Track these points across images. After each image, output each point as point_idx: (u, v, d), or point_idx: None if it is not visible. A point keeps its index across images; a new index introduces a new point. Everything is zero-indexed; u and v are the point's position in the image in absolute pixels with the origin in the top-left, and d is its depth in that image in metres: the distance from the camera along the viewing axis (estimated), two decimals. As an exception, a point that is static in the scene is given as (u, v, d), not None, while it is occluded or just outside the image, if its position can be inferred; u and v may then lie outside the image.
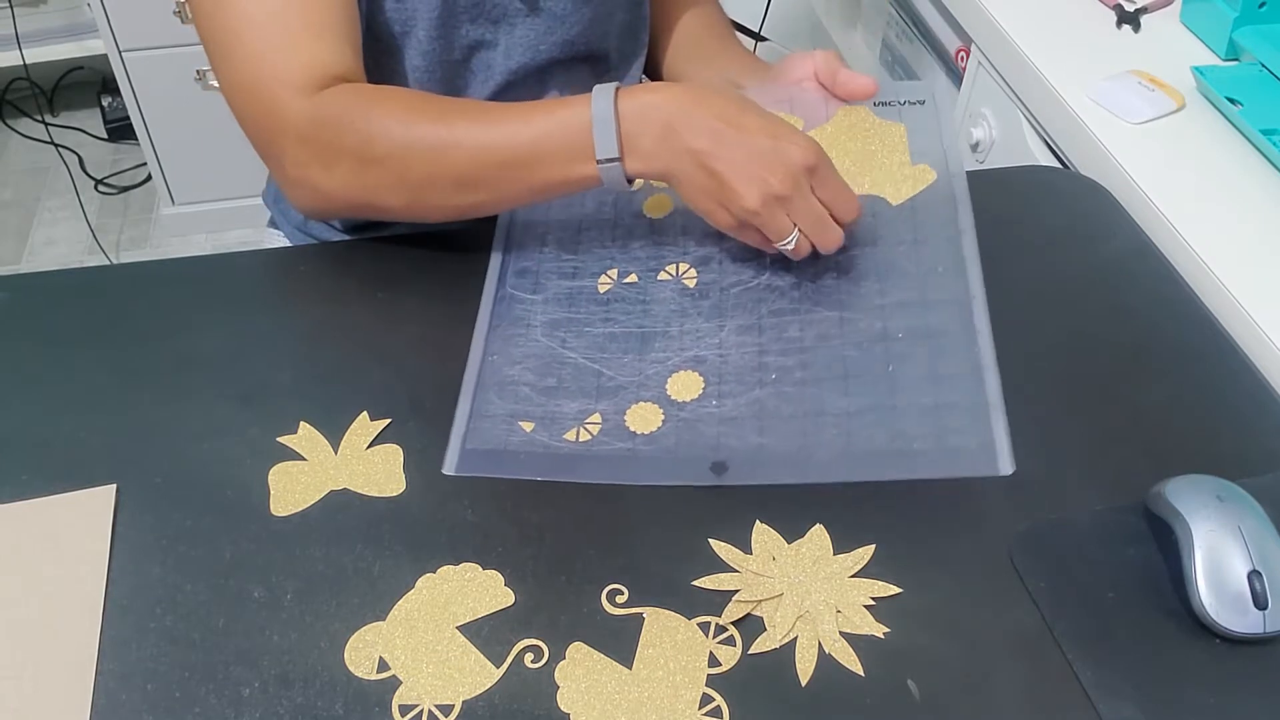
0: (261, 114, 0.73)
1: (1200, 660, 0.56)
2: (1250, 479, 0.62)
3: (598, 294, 0.74)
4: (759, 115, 0.68)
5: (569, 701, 0.54)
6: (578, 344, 0.71)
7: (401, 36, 0.81)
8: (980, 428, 0.65)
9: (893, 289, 0.72)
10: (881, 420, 0.65)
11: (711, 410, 0.67)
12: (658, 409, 0.67)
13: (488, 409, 0.67)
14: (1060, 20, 1.03)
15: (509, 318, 0.73)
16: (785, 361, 0.69)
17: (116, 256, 2.04)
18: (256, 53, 0.71)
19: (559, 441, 0.66)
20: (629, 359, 0.70)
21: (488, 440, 0.66)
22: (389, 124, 0.70)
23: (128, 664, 0.56)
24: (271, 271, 0.80)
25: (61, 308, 0.75)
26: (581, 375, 0.69)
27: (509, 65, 0.84)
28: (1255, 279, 0.76)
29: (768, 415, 0.66)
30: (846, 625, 0.57)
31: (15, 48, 1.96)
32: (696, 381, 0.68)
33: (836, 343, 0.69)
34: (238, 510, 0.63)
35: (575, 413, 0.67)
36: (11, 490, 0.63)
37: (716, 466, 0.64)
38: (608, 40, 0.90)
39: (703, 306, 0.73)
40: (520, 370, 0.69)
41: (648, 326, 0.72)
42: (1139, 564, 0.60)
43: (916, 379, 0.67)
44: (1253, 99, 0.89)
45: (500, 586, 0.59)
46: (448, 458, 0.65)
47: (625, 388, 0.68)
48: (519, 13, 0.83)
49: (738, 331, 0.71)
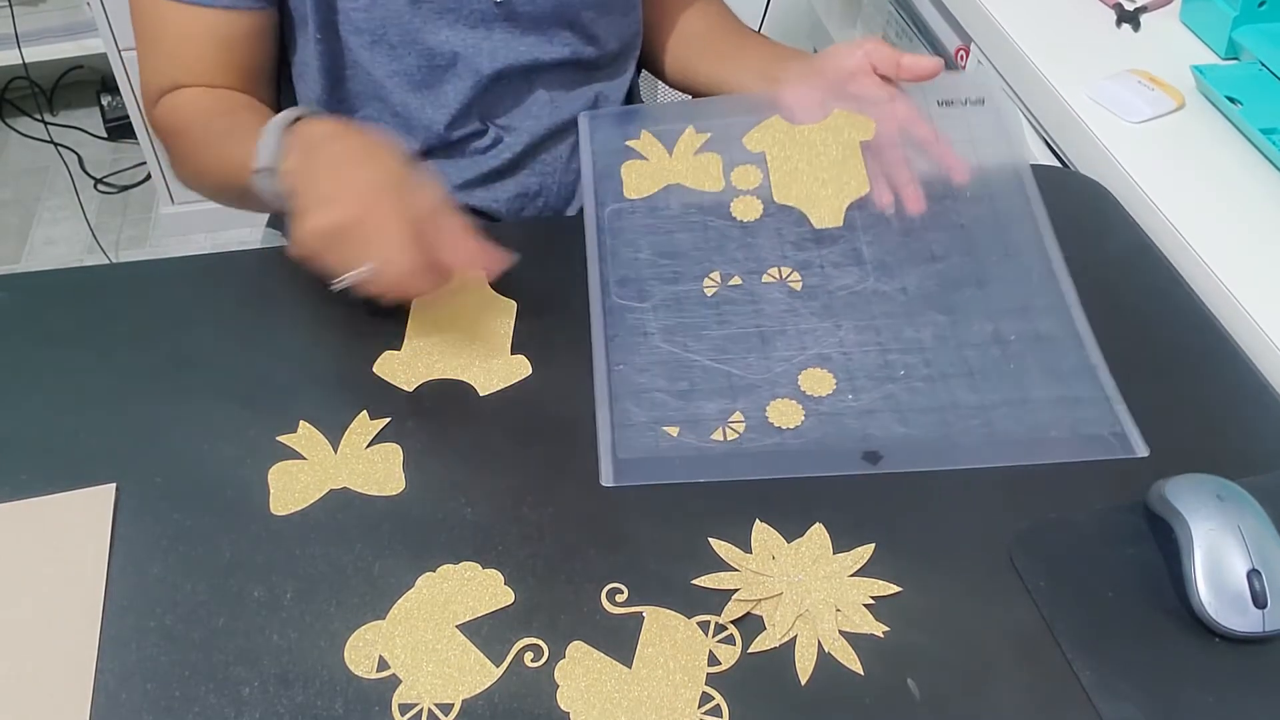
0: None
1: (1200, 659, 0.56)
2: (1250, 478, 0.62)
3: (706, 297, 0.75)
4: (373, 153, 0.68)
5: (569, 700, 0.54)
6: (699, 347, 0.72)
7: (373, 45, 0.82)
8: (1109, 418, 0.68)
9: (995, 295, 0.75)
10: (1014, 413, 0.68)
11: (849, 404, 0.69)
12: (797, 405, 0.68)
13: (628, 418, 0.68)
14: (1060, 19, 1.03)
15: (624, 327, 0.73)
16: (909, 359, 0.71)
17: (116, 256, 2.04)
18: (139, 63, 0.85)
19: (708, 442, 0.66)
20: (753, 358, 0.71)
21: (637, 449, 0.66)
22: (184, 125, 0.82)
23: (127, 663, 0.56)
24: (271, 271, 0.80)
25: (61, 307, 0.75)
26: (711, 376, 0.70)
27: (495, 69, 0.85)
28: (1255, 278, 0.76)
29: (905, 408, 0.68)
30: (846, 624, 0.57)
31: (15, 47, 1.96)
32: (828, 378, 0.70)
33: (953, 344, 0.72)
34: (237, 510, 0.63)
35: (716, 413, 0.68)
36: (11, 490, 0.63)
37: (870, 455, 0.66)
38: (596, 44, 0.90)
39: (813, 307, 0.74)
40: (650, 378, 0.70)
41: (764, 326, 0.73)
42: (1139, 563, 0.60)
43: (1038, 376, 0.70)
44: (1252, 98, 0.89)
45: (500, 585, 0.59)
46: (603, 470, 0.65)
47: (758, 386, 0.69)
48: (495, 16, 0.83)
49: (856, 331, 0.73)
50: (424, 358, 0.71)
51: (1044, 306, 0.74)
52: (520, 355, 0.72)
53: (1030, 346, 0.72)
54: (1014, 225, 0.78)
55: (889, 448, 0.66)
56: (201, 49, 0.81)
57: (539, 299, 0.75)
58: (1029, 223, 0.78)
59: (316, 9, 0.81)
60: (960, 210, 0.78)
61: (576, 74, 0.90)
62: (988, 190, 0.79)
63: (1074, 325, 0.73)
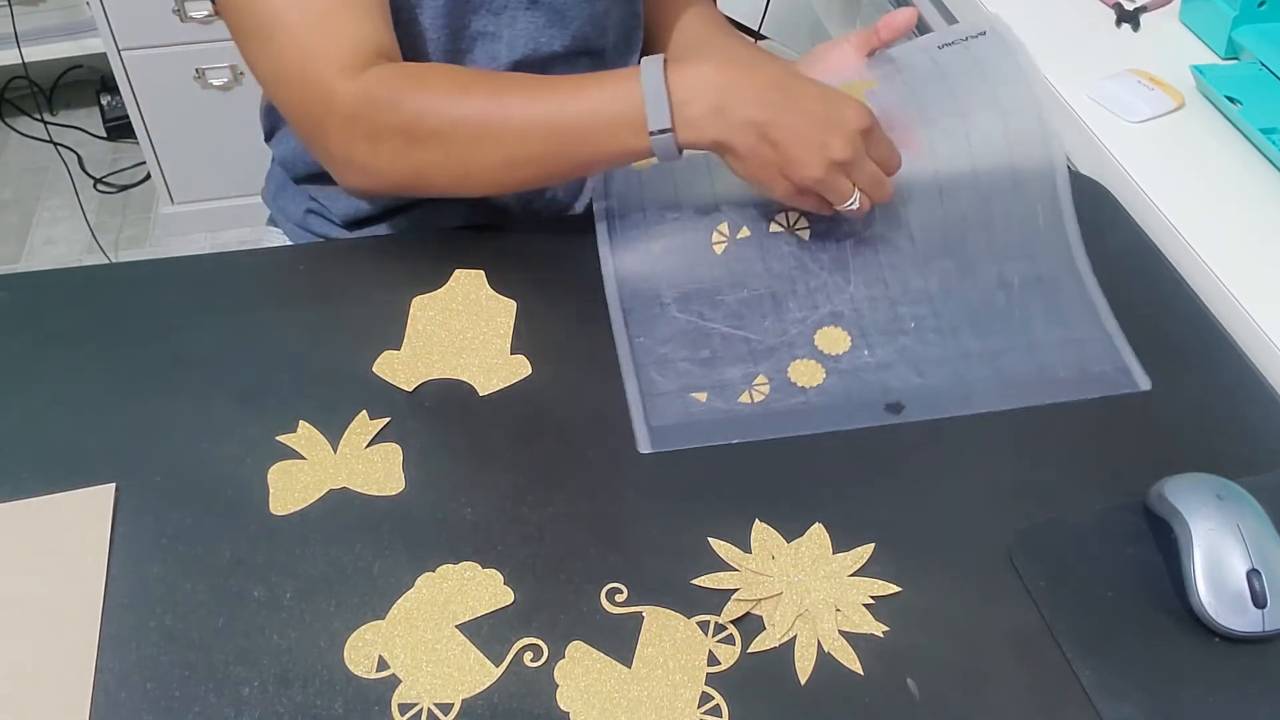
0: (308, 98, 0.72)
1: (1199, 659, 0.56)
2: (1250, 478, 0.62)
3: (716, 256, 0.75)
4: (808, 82, 0.70)
5: (568, 700, 0.54)
6: (715, 315, 0.73)
7: (407, 24, 0.80)
8: (1112, 355, 0.72)
9: (999, 236, 0.76)
10: (1022, 357, 0.72)
11: (866, 360, 0.71)
12: (816, 364, 0.71)
13: (655, 388, 0.69)
14: (1059, 19, 1.03)
15: (640, 298, 0.74)
16: (918, 310, 0.74)
17: (116, 255, 2.04)
18: (297, 37, 0.71)
19: (736, 405, 0.68)
20: (769, 322, 0.73)
21: (669, 415, 0.68)
22: (436, 101, 0.70)
23: (127, 663, 0.56)
24: (271, 271, 0.80)
25: (61, 307, 0.75)
26: (731, 343, 0.72)
27: (512, 57, 0.84)
28: (1255, 278, 0.76)
29: (919, 360, 0.71)
30: (846, 624, 0.57)
31: (14, 46, 1.96)
32: (842, 336, 0.72)
33: (959, 291, 0.74)
34: (237, 509, 0.63)
35: (740, 378, 0.70)
36: (11, 489, 0.63)
37: (892, 407, 0.69)
38: (606, 34, 0.90)
39: (823, 260, 0.75)
40: (671, 348, 0.72)
41: (775, 287, 0.74)
42: (1138, 563, 0.60)
43: (1042, 319, 0.73)
44: (1252, 98, 0.89)
45: (500, 585, 0.59)
46: (639, 437, 0.66)
47: (776, 349, 0.72)
48: (520, 5, 0.83)
49: (865, 285, 0.75)
50: (424, 358, 0.71)
51: (1047, 246, 0.76)
52: (520, 355, 0.72)
53: (1033, 290, 0.75)
54: (1027, 155, 0.78)
55: (909, 398, 0.69)
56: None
57: (539, 299, 0.75)
58: (1041, 151, 0.78)
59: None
60: (971, 135, 0.78)
61: (587, 65, 0.90)
62: (1003, 121, 0.79)
63: (1075, 265, 0.75)
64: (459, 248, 0.79)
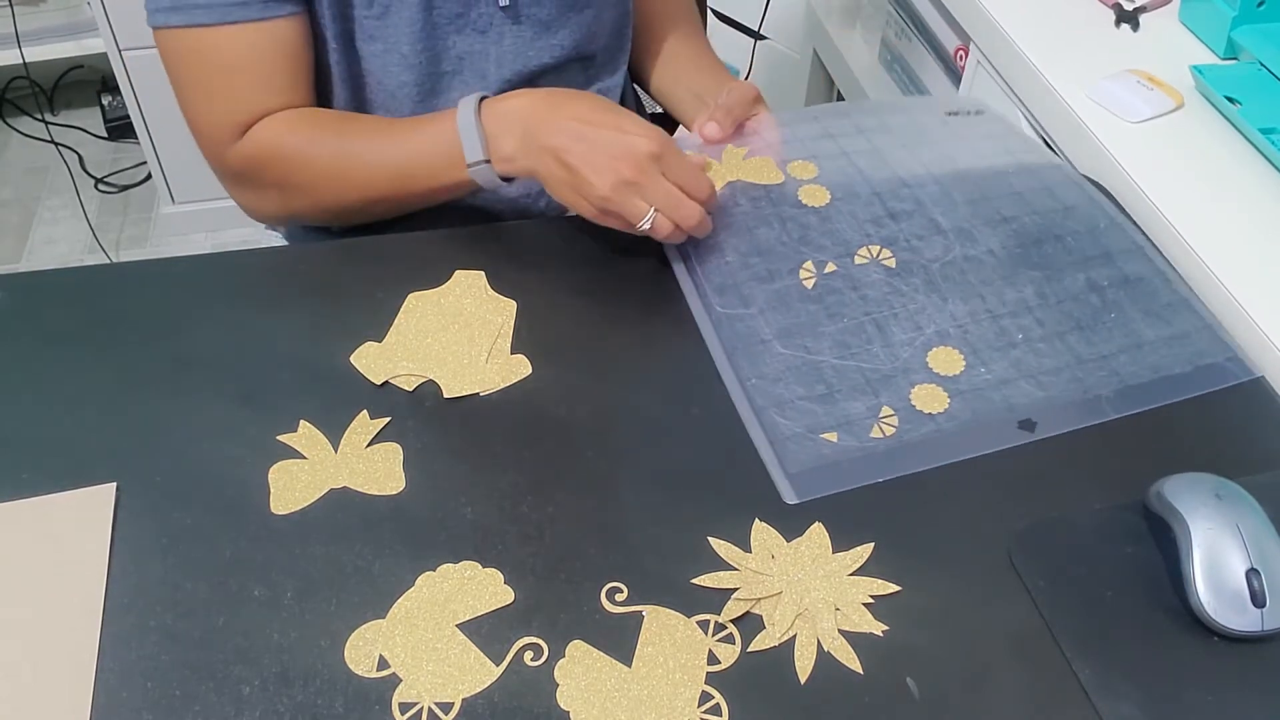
0: (204, 153, 0.85)
1: (1198, 658, 0.56)
2: (1249, 478, 0.62)
3: (807, 290, 0.74)
4: (610, 112, 0.73)
5: (568, 699, 0.54)
6: (819, 346, 0.71)
7: (385, 54, 0.82)
8: (1220, 346, 0.72)
9: (1074, 246, 0.78)
10: (1134, 359, 0.71)
11: (984, 378, 0.70)
12: (937, 388, 0.69)
13: (780, 431, 0.67)
14: (1059, 19, 1.03)
15: (740, 338, 0.72)
16: (1022, 321, 0.73)
17: (116, 255, 2.04)
18: (192, 107, 0.83)
19: (869, 441, 0.66)
20: (876, 348, 0.71)
21: (804, 460, 0.65)
22: (299, 157, 0.81)
23: (128, 662, 0.56)
24: (271, 271, 0.80)
25: (61, 307, 0.75)
26: (844, 374, 0.70)
27: (501, 75, 0.85)
28: (1255, 278, 0.76)
29: (1036, 371, 0.70)
30: (845, 623, 0.58)
31: (15, 46, 1.96)
32: (955, 355, 0.71)
33: (1054, 298, 0.75)
34: (238, 509, 0.63)
35: (864, 411, 0.68)
36: (11, 489, 0.63)
37: (1025, 424, 0.67)
38: (596, 41, 0.90)
39: (915, 284, 0.75)
40: (785, 387, 0.69)
41: (874, 313, 0.73)
42: (1138, 563, 0.60)
43: (1141, 318, 0.74)
44: (1251, 98, 0.89)
45: (500, 584, 0.59)
46: (781, 488, 0.64)
47: (892, 376, 0.70)
48: (504, 22, 0.83)
49: (963, 300, 0.74)
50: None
51: (1122, 250, 0.78)
52: (520, 355, 0.72)
53: (1124, 291, 0.75)
54: (1062, 189, 0.83)
55: (1037, 413, 0.68)
56: (274, 63, 0.80)
57: (539, 299, 0.75)
58: (1074, 185, 0.83)
59: (334, 19, 0.81)
60: (1011, 180, 0.83)
61: (578, 72, 0.90)
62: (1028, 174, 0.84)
63: (1154, 263, 0.76)
64: (459, 248, 0.79)
